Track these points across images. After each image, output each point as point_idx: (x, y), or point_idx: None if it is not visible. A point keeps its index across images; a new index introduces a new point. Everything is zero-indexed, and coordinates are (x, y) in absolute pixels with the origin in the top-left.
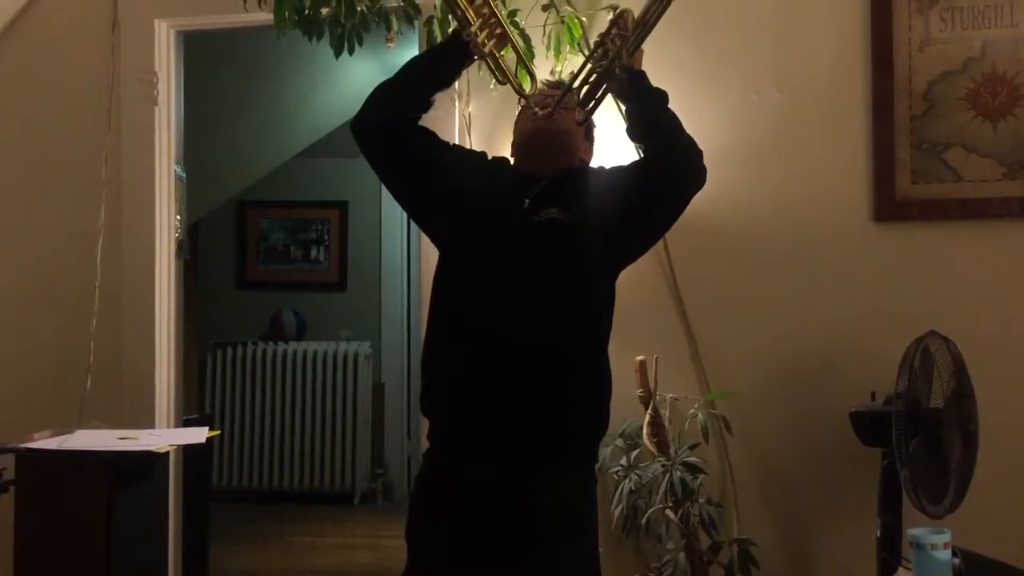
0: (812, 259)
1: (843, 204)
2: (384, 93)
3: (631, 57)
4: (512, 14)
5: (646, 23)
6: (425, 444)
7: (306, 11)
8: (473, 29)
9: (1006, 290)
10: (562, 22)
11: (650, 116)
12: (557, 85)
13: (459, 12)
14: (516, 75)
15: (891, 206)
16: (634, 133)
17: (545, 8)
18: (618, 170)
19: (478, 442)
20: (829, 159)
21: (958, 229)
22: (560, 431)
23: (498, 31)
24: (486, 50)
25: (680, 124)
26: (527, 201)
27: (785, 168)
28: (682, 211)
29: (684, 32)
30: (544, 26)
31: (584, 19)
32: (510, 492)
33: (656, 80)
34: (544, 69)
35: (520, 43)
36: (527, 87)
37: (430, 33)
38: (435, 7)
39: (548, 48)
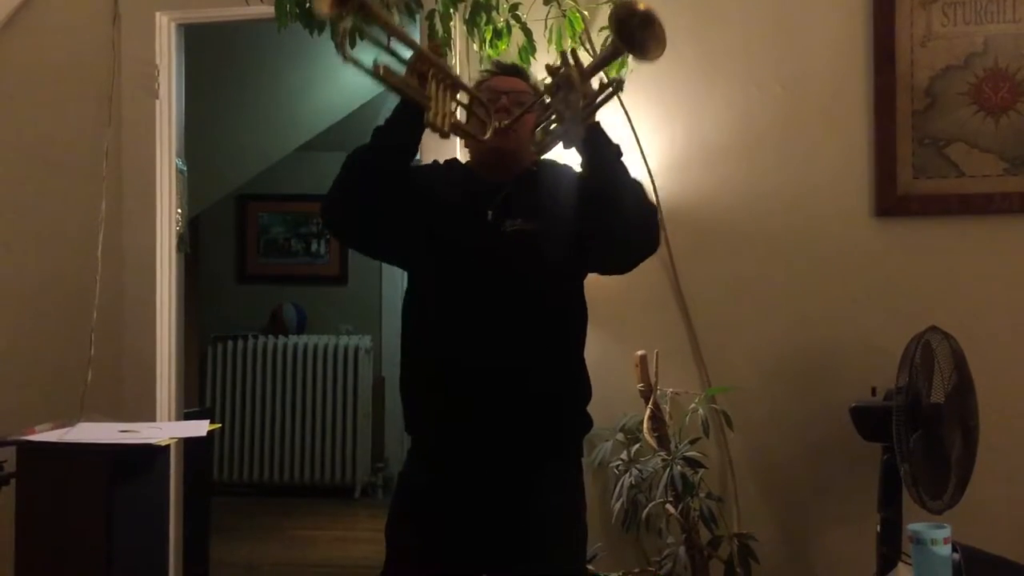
0: (813, 254)
1: (844, 199)
2: (355, 185)
3: (583, 125)
4: (514, 8)
5: (592, 104)
6: None
7: (307, 4)
8: (431, 114)
9: (1007, 286)
10: (564, 16)
11: (601, 177)
12: (513, 69)
13: (409, 94)
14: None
15: (892, 201)
16: (585, 190)
17: (547, 2)
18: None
19: (460, 444)
20: (830, 154)
21: (959, 224)
22: (543, 431)
23: (448, 83)
24: (446, 129)
25: (633, 185)
26: (490, 213)
27: (786, 163)
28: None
29: (685, 26)
30: (546, 20)
31: (586, 13)
32: (494, 492)
33: (655, 77)
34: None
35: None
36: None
37: (431, 27)
38: (436, 0)
39: (549, 42)
